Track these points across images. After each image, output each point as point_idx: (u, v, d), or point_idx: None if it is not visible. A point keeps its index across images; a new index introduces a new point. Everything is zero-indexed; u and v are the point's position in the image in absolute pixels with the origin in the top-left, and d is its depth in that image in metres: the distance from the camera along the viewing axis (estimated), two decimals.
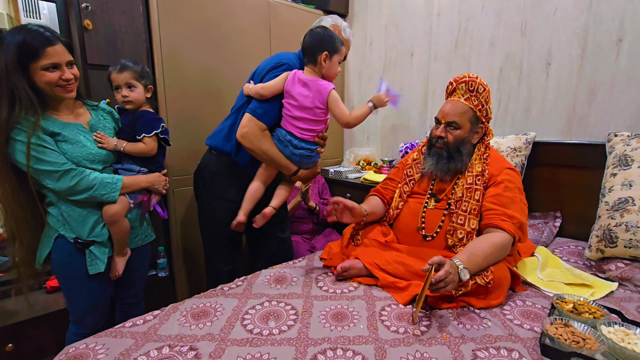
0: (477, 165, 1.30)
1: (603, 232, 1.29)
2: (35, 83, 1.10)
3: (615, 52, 1.54)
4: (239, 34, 2.08)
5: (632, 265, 1.22)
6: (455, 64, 2.12)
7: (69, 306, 1.29)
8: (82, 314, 1.29)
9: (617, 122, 1.56)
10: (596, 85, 1.60)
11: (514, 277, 1.17)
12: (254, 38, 2.17)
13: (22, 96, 1.07)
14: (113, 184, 1.22)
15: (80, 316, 1.29)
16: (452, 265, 1.00)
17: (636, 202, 1.24)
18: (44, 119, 1.14)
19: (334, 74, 1.38)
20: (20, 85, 1.06)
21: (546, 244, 1.56)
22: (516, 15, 1.83)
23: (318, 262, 1.40)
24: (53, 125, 1.15)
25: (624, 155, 1.37)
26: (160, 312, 1.05)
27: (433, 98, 2.28)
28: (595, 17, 1.58)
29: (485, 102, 1.30)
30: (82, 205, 1.22)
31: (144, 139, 1.31)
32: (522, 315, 1.03)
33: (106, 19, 1.63)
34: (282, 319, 0.99)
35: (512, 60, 1.87)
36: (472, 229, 1.23)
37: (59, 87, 1.12)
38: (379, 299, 1.11)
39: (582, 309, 0.97)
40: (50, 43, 1.08)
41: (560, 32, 1.69)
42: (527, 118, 1.85)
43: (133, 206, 1.31)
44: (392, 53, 2.47)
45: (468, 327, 0.96)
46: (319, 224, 2.27)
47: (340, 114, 1.33)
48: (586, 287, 1.19)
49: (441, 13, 2.15)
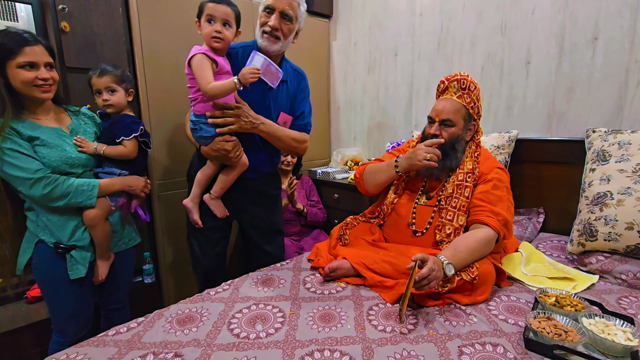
0: (468, 162, 1.32)
1: (584, 227, 1.32)
2: (11, 83, 1.08)
3: (591, 50, 1.58)
4: None
5: (611, 258, 1.26)
6: (439, 64, 2.15)
7: (50, 313, 1.27)
8: (64, 320, 1.26)
9: (594, 118, 1.60)
10: (574, 83, 1.64)
11: (499, 272, 1.19)
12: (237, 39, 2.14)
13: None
14: (89, 191, 1.20)
15: (61, 323, 1.27)
16: (435, 261, 1.01)
17: (614, 196, 1.27)
18: (21, 123, 1.12)
19: (205, 36, 1.22)
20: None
21: (530, 239, 1.59)
22: (496, 15, 1.86)
23: (306, 264, 1.40)
24: (31, 129, 1.13)
25: (602, 151, 1.40)
26: (144, 319, 1.02)
27: (417, 97, 2.30)
28: (572, 17, 1.62)
29: (476, 99, 1.32)
30: (61, 210, 1.20)
31: (122, 142, 1.29)
32: (507, 310, 1.04)
33: (84, 21, 1.60)
34: (269, 322, 0.99)
35: (493, 59, 1.91)
36: (460, 225, 1.25)
37: (35, 87, 1.10)
38: (366, 299, 1.11)
39: (564, 302, 0.99)
40: (27, 43, 1.07)
41: (539, 31, 1.73)
42: (509, 116, 1.88)
43: (114, 209, 1.29)
44: (377, 53, 2.48)
45: (454, 324, 0.97)
46: (306, 226, 2.27)
47: (199, 81, 1.18)
48: (568, 281, 1.22)
49: (423, 13, 2.17)
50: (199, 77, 1.17)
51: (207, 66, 1.18)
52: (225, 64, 1.26)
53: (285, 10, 1.27)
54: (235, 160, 1.33)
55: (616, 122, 1.55)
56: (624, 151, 1.34)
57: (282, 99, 1.43)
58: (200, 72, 1.17)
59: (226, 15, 1.21)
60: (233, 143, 1.29)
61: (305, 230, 2.27)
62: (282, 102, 1.44)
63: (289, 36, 1.34)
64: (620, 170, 1.30)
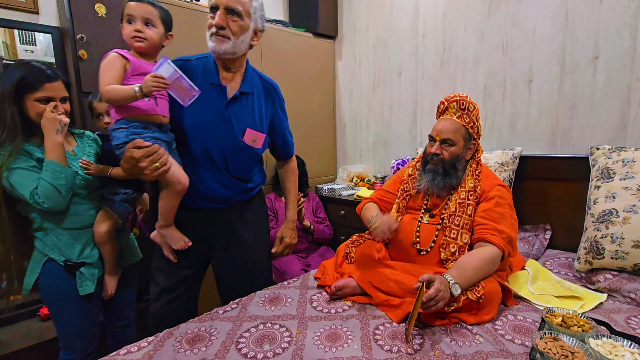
0: (470, 181, 1.34)
1: (590, 244, 1.32)
2: (25, 111, 1.15)
3: (592, 68, 1.61)
4: None
5: (619, 277, 1.25)
6: (442, 82, 2.19)
7: (58, 331, 1.31)
8: (71, 338, 1.30)
9: (598, 135, 1.62)
10: (576, 101, 1.67)
11: (505, 291, 1.19)
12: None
13: (7, 120, 1.12)
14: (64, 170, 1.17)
15: (69, 340, 1.30)
16: (442, 281, 1.02)
17: (620, 214, 1.27)
18: (31, 145, 1.18)
19: (125, 37, 1.10)
20: (9, 111, 1.12)
21: (537, 256, 1.58)
22: (497, 35, 1.91)
23: (313, 282, 1.41)
24: (41, 151, 1.19)
25: (606, 168, 1.41)
26: (154, 339, 1.05)
27: (422, 115, 2.34)
28: (572, 36, 1.65)
29: (475, 119, 1.34)
30: (71, 229, 1.26)
31: None
32: (514, 330, 1.04)
33: (100, 49, 1.68)
34: (276, 342, 1.00)
35: (496, 77, 1.94)
36: (465, 243, 1.26)
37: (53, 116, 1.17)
38: (372, 318, 1.11)
39: (571, 322, 0.99)
40: (49, 79, 1.15)
41: (540, 50, 1.76)
42: (512, 133, 1.91)
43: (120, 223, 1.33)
44: (381, 72, 2.54)
45: (460, 344, 0.97)
46: (313, 243, 2.28)
47: (99, 81, 1.04)
48: (576, 299, 1.21)
49: (426, 34, 2.23)
50: (100, 77, 1.03)
51: (116, 67, 1.04)
52: (145, 65, 1.09)
53: (230, 5, 1.13)
54: (152, 175, 1.03)
55: (620, 139, 1.56)
56: (628, 169, 1.35)
57: (247, 112, 1.26)
58: (103, 72, 1.03)
59: (147, 14, 1.09)
60: (144, 150, 1.01)
61: (312, 247, 2.29)
62: (247, 116, 1.26)
63: (242, 35, 1.16)
64: (625, 188, 1.31)
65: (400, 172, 1.57)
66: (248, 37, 1.19)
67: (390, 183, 1.56)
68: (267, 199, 2.30)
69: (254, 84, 1.29)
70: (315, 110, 2.71)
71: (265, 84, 1.33)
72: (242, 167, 1.29)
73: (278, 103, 1.37)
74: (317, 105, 2.73)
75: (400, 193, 1.48)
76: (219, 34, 1.14)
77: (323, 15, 2.63)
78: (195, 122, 1.20)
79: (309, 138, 2.69)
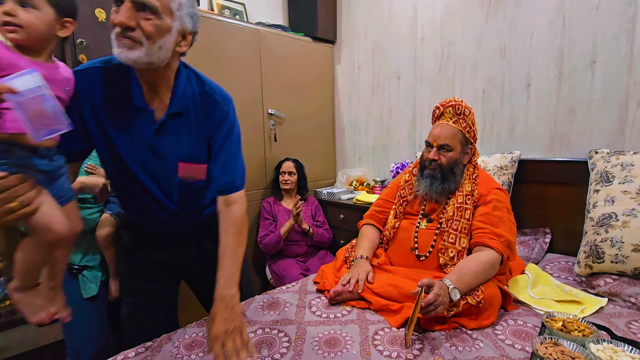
0: (467, 185, 1.34)
1: (590, 248, 1.32)
2: None
3: (590, 73, 1.62)
4: (230, 63, 2.15)
5: (620, 281, 1.24)
6: (440, 87, 2.20)
7: (66, 337, 1.32)
8: (81, 344, 1.31)
9: (596, 139, 1.62)
10: (574, 105, 1.67)
11: (505, 295, 1.19)
12: (245, 67, 2.23)
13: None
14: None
15: (79, 347, 1.31)
16: (441, 286, 1.02)
17: (619, 218, 1.27)
18: None
19: None
20: None
21: (537, 260, 1.58)
22: (495, 39, 1.92)
23: (312, 286, 1.40)
24: None
25: (605, 172, 1.41)
26: (152, 344, 1.04)
27: (421, 119, 2.34)
28: (569, 41, 1.66)
29: (472, 124, 1.35)
30: None
31: None
32: (514, 334, 1.03)
33: (100, 53, 1.68)
34: (274, 347, 0.99)
35: (494, 82, 1.95)
36: (463, 248, 1.25)
37: None
38: (372, 323, 1.11)
39: (571, 327, 0.98)
40: None
41: (537, 55, 1.77)
42: (511, 137, 1.91)
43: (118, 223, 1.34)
44: (380, 76, 2.55)
45: (460, 349, 0.96)
46: (312, 247, 2.28)
47: None
48: (576, 304, 1.21)
49: (425, 39, 2.24)
50: None
51: None
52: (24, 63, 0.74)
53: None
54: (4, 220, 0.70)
55: (618, 143, 1.56)
56: (627, 172, 1.35)
57: (180, 140, 0.98)
58: None
59: None
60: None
61: (311, 251, 2.28)
62: (182, 144, 0.99)
63: (159, 39, 0.84)
64: (624, 192, 1.31)
65: (397, 179, 1.57)
66: (170, 42, 0.87)
67: (387, 191, 1.57)
68: (266, 203, 2.30)
69: (189, 98, 0.98)
70: (314, 114, 2.72)
71: (206, 96, 1.00)
72: (190, 202, 1.08)
73: (220, 119, 1.01)
74: (316, 109, 2.74)
75: (397, 199, 1.48)
76: (126, 36, 0.81)
77: (322, 20, 2.64)
78: (124, 157, 0.96)
79: (309, 142, 2.69)
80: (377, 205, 1.56)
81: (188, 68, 1.02)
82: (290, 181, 2.28)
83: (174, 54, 0.90)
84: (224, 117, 1.02)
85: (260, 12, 2.66)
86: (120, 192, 1.08)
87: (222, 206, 1.02)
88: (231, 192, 1.02)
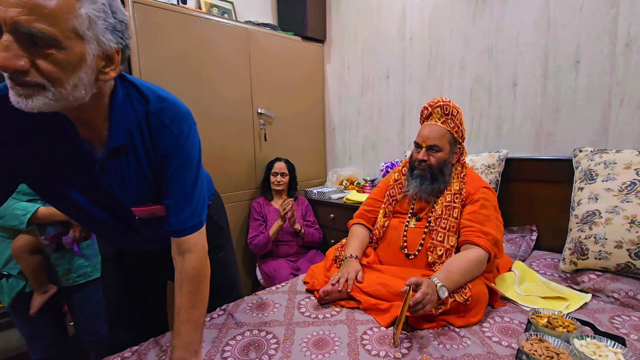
0: (455, 183, 1.35)
1: (574, 245, 1.34)
2: None
3: (574, 72, 1.64)
4: (219, 62, 2.13)
5: (603, 277, 1.27)
6: (429, 86, 2.21)
7: None
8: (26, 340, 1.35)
9: (581, 138, 1.65)
10: (559, 104, 1.70)
11: (492, 293, 1.20)
12: (234, 66, 2.21)
13: None
14: (22, 216, 1.20)
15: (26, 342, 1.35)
16: (429, 285, 1.02)
17: (603, 215, 1.30)
18: None
19: None
20: None
21: (524, 257, 1.60)
22: (482, 39, 1.94)
23: (301, 286, 1.40)
24: None
25: (589, 170, 1.44)
26: (139, 348, 1.02)
27: (410, 118, 2.36)
28: (554, 41, 1.69)
29: (460, 123, 1.36)
30: (4, 235, 1.25)
31: None
32: (501, 332, 1.05)
33: None
34: (262, 349, 0.98)
35: (482, 81, 1.97)
36: (451, 246, 1.26)
37: None
38: (360, 323, 1.11)
39: (556, 323, 1.00)
40: None
41: (523, 54, 1.79)
42: (498, 136, 1.93)
43: (46, 242, 1.28)
44: (369, 76, 2.56)
45: (448, 347, 0.97)
46: (302, 247, 2.27)
47: None
48: (562, 300, 1.23)
49: (413, 38, 2.25)
50: None
51: None
52: None
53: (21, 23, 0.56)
54: None
55: (602, 141, 1.59)
56: (609, 170, 1.37)
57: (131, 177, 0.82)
58: None
59: None
60: None
61: (302, 250, 2.27)
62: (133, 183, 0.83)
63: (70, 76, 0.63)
64: (607, 189, 1.33)
65: (386, 178, 1.58)
66: (88, 74, 0.66)
67: (377, 191, 1.57)
68: (256, 203, 2.28)
69: (132, 124, 0.78)
70: (304, 113, 2.71)
71: (151, 119, 0.79)
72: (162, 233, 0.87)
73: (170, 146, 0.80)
74: (306, 108, 2.73)
75: (386, 198, 1.49)
76: (20, 82, 0.60)
77: (311, 19, 2.63)
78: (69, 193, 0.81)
79: (299, 141, 2.68)
80: (367, 205, 1.56)
81: (127, 81, 0.80)
82: (282, 182, 2.27)
83: (94, 85, 0.69)
84: (174, 143, 0.80)
85: (249, 11, 2.64)
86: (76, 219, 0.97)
87: (175, 254, 0.85)
88: (184, 234, 0.84)
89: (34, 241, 1.25)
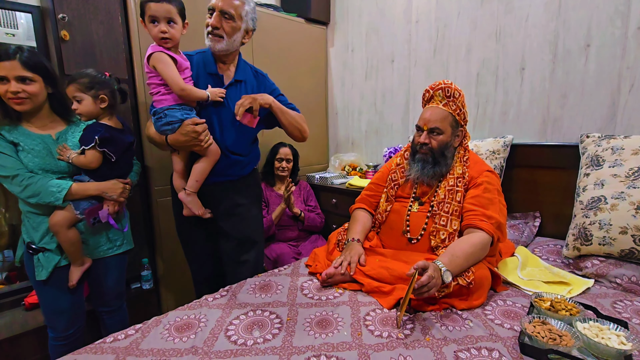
0: (458, 167, 1.33)
1: (578, 231, 1.33)
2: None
3: (584, 57, 1.61)
4: None
5: (606, 262, 1.27)
6: (435, 70, 2.17)
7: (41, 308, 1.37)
8: (49, 316, 1.34)
9: (588, 123, 1.62)
10: (567, 89, 1.67)
11: (495, 277, 1.20)
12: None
13: None
14: (57, 192, 1.23)
15: (49, 319, 1.35)
16: (435, 269, 1.02)
17: (608, 201, 1.29)
18: (5, 129, 1.22)
19: (154, 38, 1.23)
20: None
21: (526, 243, 1.60)
22: (490, 22, 1.89)
23: (304, 269, 1.40)
24: (17, 134, 1.22)
25: (596, 156, 1.42)
26: (142, 326, 1.03)
27: (414, 103, 2.32)
28: (564, 24, 1.64)
29: (462, 106, 1.33)
30: (37, 211, 1.27)
31: (84, 151, 1.27)
32: (503, 314, 1.05)
33: (84, 29, 1.61)
34: (266, 328, 0.99)
35: (488, 65, 1.93)
36: (454, 230, 1.26)
37: (9, 100, 1.17)
38: (363, 304, 1.11)
39: (559, 306, 1.00)
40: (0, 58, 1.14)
41: (532, 38, 1.75)
42: (504, 121, 1.90)
43: (81, 217, 1.29)
44: (374, 60, 2.51)
45: (450, 329, 0.97)
46: (304, 231, 2.27)
47: (169, 80, 1.22)
48: (564, 285, 1.23)
49: (419, 21, 2.20)
50: (168, 76, 1.21)
51: (171, 64, 1.23)
52: (183, 60, 1.29)
53: (225, 9, 1.29)
54: (206, 146, 1.31)
55: (609, 127, 1.57)
56: (617, 156, 1.36)
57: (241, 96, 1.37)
58: (167, 71, 1.21)
59: (168, 14, 1.21)
60: (203, 126, 1.28)
61: (304, 235, 2.28)
62: None
63: (234, 35, 1.33)
64: (614, 175, 1.32)
65: (388, 163, 1.57)
66: (239, 37, 1.37)
67: (379, 175, 1.56)
68: None
69: (247, 73, 1.46)
70: (307, 97, 2.67)
71: (256, 74, 1.51)
72: (240, 143, 1.45)
73: (269, 85, 1.53)
74: (309, 92, 2.69)
75: (388, 182, 1.48)
76: (214, 33, 1.31)
77: (315, 1, 2.57)
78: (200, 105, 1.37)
79: None
80: (369, 190, 1.55)
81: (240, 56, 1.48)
82: (287, 168, 2.25)
83: (240, 44, 1.40)
84: (273, 84, 1.55)
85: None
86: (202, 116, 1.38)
87: None
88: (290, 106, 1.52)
89: (70, 216, 1.27)
